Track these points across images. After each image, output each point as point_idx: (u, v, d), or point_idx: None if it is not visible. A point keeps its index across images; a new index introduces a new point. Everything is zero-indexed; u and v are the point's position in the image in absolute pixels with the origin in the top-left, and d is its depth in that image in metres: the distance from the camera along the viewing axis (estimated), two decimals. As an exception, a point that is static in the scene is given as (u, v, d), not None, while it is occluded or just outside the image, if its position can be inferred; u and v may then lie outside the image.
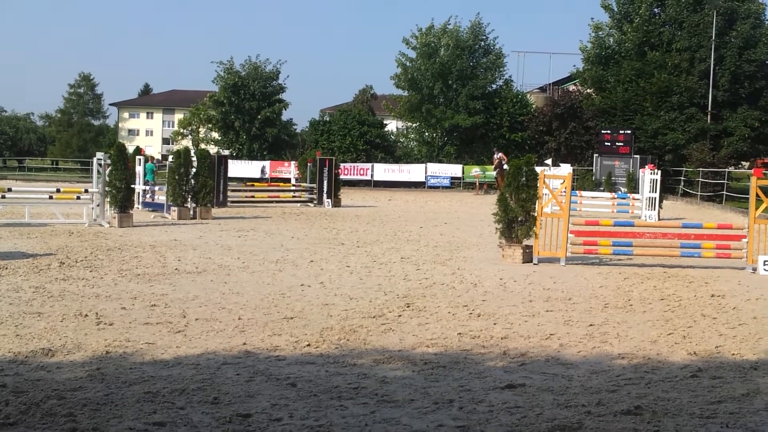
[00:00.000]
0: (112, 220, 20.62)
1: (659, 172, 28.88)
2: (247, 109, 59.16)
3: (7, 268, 12.58)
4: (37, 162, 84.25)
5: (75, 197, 21.85)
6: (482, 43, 57.79)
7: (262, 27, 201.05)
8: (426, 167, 55.29)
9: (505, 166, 32.88)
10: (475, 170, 54.22)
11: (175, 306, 10.00)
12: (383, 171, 55.56)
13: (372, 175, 55.07)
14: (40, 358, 7.38)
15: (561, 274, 14.01)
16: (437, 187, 53.72)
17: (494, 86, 58.05)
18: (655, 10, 54.21)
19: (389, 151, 59.78)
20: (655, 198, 27.98)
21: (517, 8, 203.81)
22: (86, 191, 21.56)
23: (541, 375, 7.15)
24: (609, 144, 47.13)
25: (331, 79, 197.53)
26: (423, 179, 54.83)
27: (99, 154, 21.73)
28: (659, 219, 26.80)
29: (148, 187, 28.29)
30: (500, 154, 36.77)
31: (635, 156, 45.60)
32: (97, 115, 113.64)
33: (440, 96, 56.51)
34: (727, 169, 43.19)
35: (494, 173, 43.25)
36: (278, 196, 33.49)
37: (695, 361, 7.81)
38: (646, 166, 30.91)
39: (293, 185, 36.26)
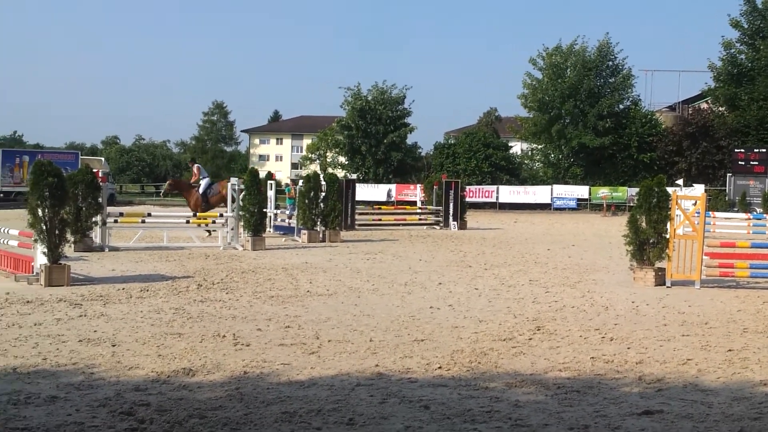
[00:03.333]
0: (245, 243, 21.20)
1: (799, 191, 27.76)
2: (374, 133, 59.95)
3: (148, 290, 13.09)
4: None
5: (210, 221, 22.57)
6: (610, 63, 56.97)
7: (388, 52, 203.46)
8: (552, 189, 54.75)
9: (202, 181, 25.77)
10: (602, 191, 53.32)
11: (308, 327, 10.21)
12: (508, 193, 55.32)
13: (497, 198, 54.90)
14: (182, 377, 7.60)
15: (696, 297, 13.62)
16: (563, 209, 53.09)
17: (622, 106, 57.12)
18: (790, 23, 52.33)
19: (514, 173, 59.50)
20: (795, 218, 26.88)
21: (643, 26, 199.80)
22: (221, 215, 22.22)
23: (680, 401, 6.97)
24: (743, 163, 45.62)
25: (456, 102, 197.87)
26: (549, 201, 54.29)
27: (233, 180, 22.39)
28: (800, 240, 25.70)
29: (288, 212, 28.86)
30: (196, 167, 26.71)
31: (772, 175, 43.96)
32: (229, 142, 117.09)
33: (567, 116, 55.97)
34: None
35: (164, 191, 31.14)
36: (405, 219, 33.72)
37: (844, 390, 7.47)
38: (785, 186, 29.75)
39: (419, 208, 36.45)
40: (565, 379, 7.75)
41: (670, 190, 16.08)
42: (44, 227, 13.48)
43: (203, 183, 25.79)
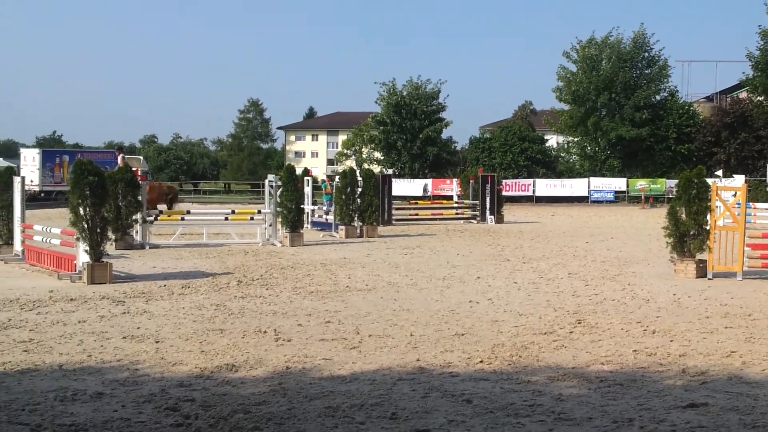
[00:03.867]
0: (283, 239, 21.28)
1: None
2: (409, 128, 59.93)
3: (189, 287, 13.21)
4: (210, 185, 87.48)
5: (248, 218, 22.69)
6: (646, 54, 56.45)
7: (421, 47, 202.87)
8: (589, 181, 54.41)
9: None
10: (640, 183, 52.88)
11: (348, 322, 10.25)
12: (545, 186, 55.07)
13: (534, 191, 54.66)
14: (225, 373, 7.67)
15: (738, 289, 13.48)
16: (601, 202, 52.74)
17: (658, 97, 56.62)
18: (830, 9, 51.36)
19: (550, 166, 59.19)
20: (838, 208, 26.47)
21: (678, 16, 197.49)
22: (259, 212, 22.33)
23: (725, 394, 6.91)
24: (783, 153, 44.89)
25: (491, 96, 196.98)
26: (586, 194, 53.97)
27: (270, 176, 22.47)
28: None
29: (325, 207, 28.97)
30: (120, 157, 26.20)
31: (813, 165, 43.28)
32: (265, 139, 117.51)
33: (603, 108, 55.60)
34: None
35: None
36: (441, 214, 33.66)
37: None
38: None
39: (456, 202, 36.38)
40: (607, 372, 7.72)
41: (709, 181, 15.91)
42: (86, 226, 13.65)
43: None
